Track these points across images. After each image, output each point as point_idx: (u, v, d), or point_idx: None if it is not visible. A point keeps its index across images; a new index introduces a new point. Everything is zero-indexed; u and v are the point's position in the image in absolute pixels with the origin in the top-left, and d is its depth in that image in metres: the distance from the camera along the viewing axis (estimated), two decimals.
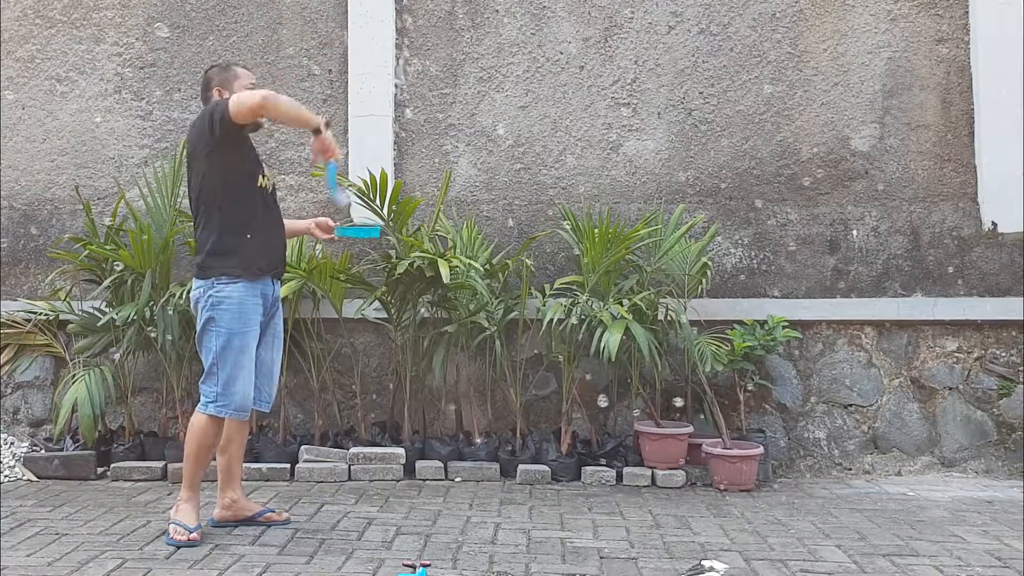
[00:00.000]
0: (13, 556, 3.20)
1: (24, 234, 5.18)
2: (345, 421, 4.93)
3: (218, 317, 3.39)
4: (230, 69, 3.63)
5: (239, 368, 3.40)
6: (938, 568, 3.15)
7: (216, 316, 3.39)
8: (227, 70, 3.62)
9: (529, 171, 5.10)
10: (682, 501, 4.13)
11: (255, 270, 3.46)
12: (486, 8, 5.14)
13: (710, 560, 3.16)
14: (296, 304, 4.69)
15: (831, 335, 4.91)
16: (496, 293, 4.69)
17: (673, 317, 4.55)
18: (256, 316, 3.46)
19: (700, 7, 5.07)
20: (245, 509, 3.62)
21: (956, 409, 4.83)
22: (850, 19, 5.02)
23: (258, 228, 3.50)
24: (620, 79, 5.09)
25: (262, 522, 3.60)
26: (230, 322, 3.39)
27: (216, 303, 3.40)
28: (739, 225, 5.00)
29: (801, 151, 5.01)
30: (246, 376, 3.42)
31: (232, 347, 3.39)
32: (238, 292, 3.41)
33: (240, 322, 3.40)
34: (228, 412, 3.41)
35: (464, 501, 4.07)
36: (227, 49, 5.18)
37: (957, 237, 4.91)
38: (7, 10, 5.27)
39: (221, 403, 3.39)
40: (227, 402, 3.39)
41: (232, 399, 3.39)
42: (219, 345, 3.39)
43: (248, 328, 3.43)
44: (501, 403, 4.89)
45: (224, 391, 3.39)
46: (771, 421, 4.86)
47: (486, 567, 3.10)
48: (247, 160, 3.53)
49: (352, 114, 5.08)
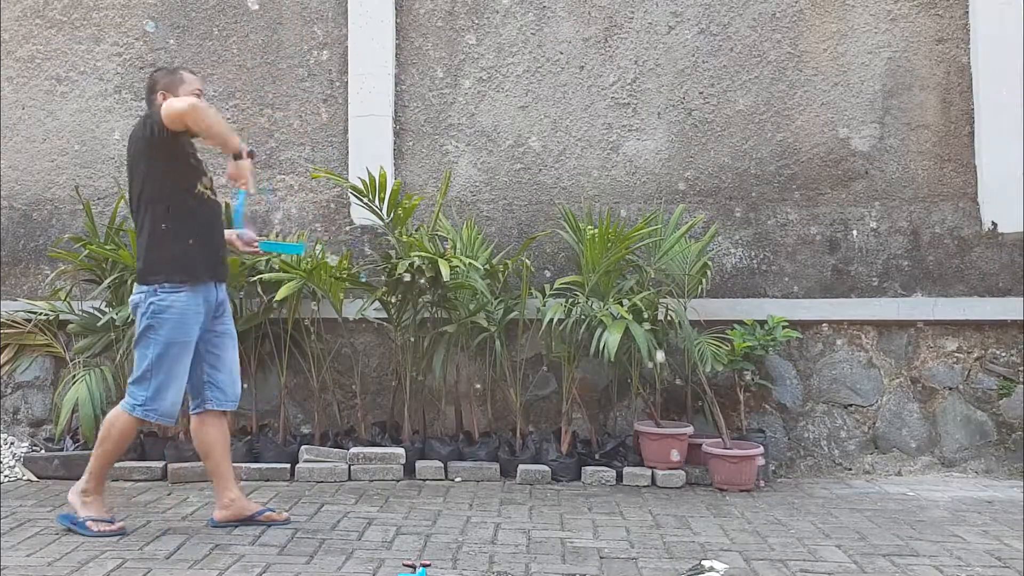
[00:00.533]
0: (13, 556, 3.20)
1: (24, 234, 5.17)
2: (345, 421, 4.93)
3: (158, 326, 3.42)
4: (176, 73, 3.63)
5: (172, 377, 3.44)
6: (938, 568, 3.15)
7: (156, 324, 3.42)
8: (173, 74, 3.62)
9: (529, 171, 5.10)
10: (682, 501, 4.13)
11: (198, 277, 3.48)
12: (486, 8, 5.14)
13: (710, 560, 3.16)
14: (296, 304, 4.68)
15: (831, 335, 4.91)
16: (496, 293, 4.69)
17: (673, 317, 4.54)
18: (197, 324, 3.49)
19: (700, 7, 5.07)
20: (245, 508, 3.62)
21: (956, 409, 4.83)
22: (850, 19, 5.02)
23: (199, 234, 3.51)
24: (620, 79, 5.09)
25: (262, 521, 3.60)
26: (170, 332, 3.42)
27: (157, 311, 3.42)
28: (739, 225, 5.00)
29: (801, 151, 5.01)
30: (178, 385, 3.48)
31: (169, 356, 3.42)
32: (181, 301, 3.44)
33: (180, 331, 3.44)
34: (155, 417, 3.46)
35: (464, 501, 4.07)
36: (227, 49, 5.19)
37: (957, 237, 4.91)
38: (7, 10, 5.28)
39: (149, 407, 3.44)
40: (156, 407, 3.44)
41: (161, 405, 3.44)
42: (156, 353, 3.42)
43: (188, 337, 3.46)
44: (501, 403, 4.89)
45: (155, 396, 3.43)
46: (771, 421, 4.86)
47: (486, 567, 3.10)
48: (186, 166, 3.53)
49: (352, 114, 5.08)
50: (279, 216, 5.11)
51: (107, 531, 3.44)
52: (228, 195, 4.40)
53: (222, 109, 5.16)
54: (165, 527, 3.58)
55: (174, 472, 4.45)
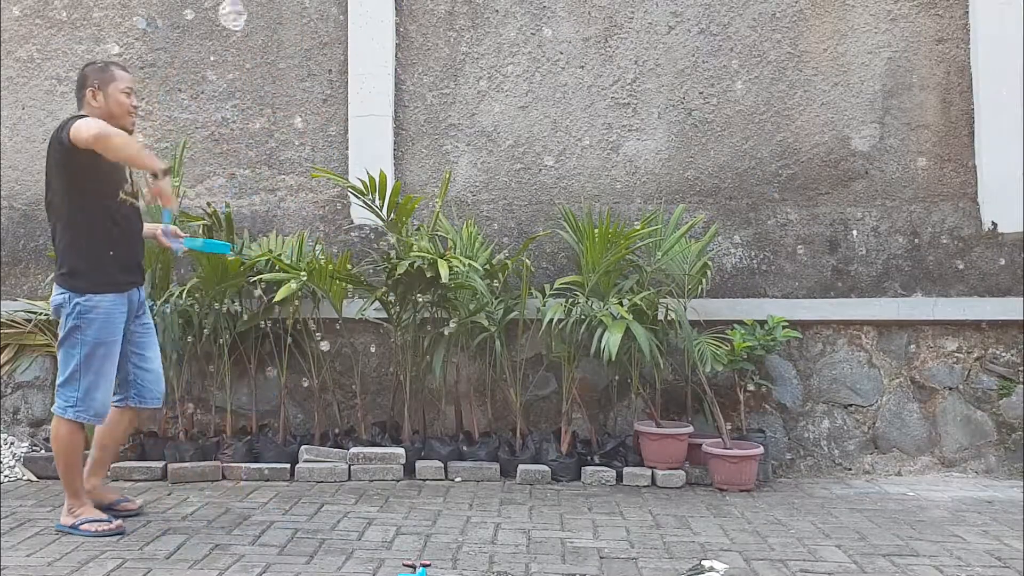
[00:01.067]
0: (13, 556, 3.20)
1: (24, 234, 5.17)
2: (345, 421, 4.93)
3: (84, 326, 3.44)
4: (107, 69, 3.57)
5: (101, 376, 3.47)
6: (938, 568, 3.15)
7: (82, 325, 3.44)
8: (104, 70, 3.57)
9: (529, 171, 5.10)
10: (682, 501, 4.13)
11: (119, 285, 3.51)
12: (486, 8, 5.14)
13: (710, 560, 3.16)
14: (296, 304, 4.68)
15: (831, 335, 4.91)
16: (496, 293, 4.69)
17: (673, 317, 4.54)
18: (121, 325, 3.53)
19: (700, 7, 5.07)
20: (103, 497, 3.69)
21: (956, 409, 4.83)
22: (850, 19, 5.02)
23: (118, 244, 3.52)
24: (620, 79, 5.09)
25: (119, 511, 3.66)
26: (96, 333, 3.44)
27: (84, 312, 3.44)
28: (739, 225, 5.00)
29: (801, 151, 5.01)
30: (107, 384, 3.50)
31: (96, 356, 3.45)
32: (106, 303, 3.46)
33: (107, 332, 3.46)
34: (87, 417, 3.47)
35: (464, 501, 4.07)
36: (227, 49, 5.19)
37: (957, 237, 4.91)
38: (7, 10, 5.28)
39: (80, 408, 3.45)
40: (86, 407, 3.46)
41: (92, 405, 3.46)
42: (83, 354, 3.43)
43: (114, 338, 3.49)
44: (501, 403, 4.89)
45: (84, 397, 3.45)
46: (771, 421, 4.86)
47: (486, 567, 3.10)
48: (106, 176, 3.50)
49: (352, 114, 5.08)
50: (279, 216, 5.11)
51: (105, 531, 3.45)
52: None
53: (222, 109, 5.17)
54: (165, 527, 3.58)
55: (174, 472, 4.45)
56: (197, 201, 5.07)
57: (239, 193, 5.15)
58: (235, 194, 5.14)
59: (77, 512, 3.51)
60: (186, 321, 4.63)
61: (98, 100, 3.52)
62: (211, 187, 5.16)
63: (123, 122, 3.52)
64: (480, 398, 4.91)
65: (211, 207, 4.75)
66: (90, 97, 3.52)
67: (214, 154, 5.19)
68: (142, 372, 3.66)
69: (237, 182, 5.17)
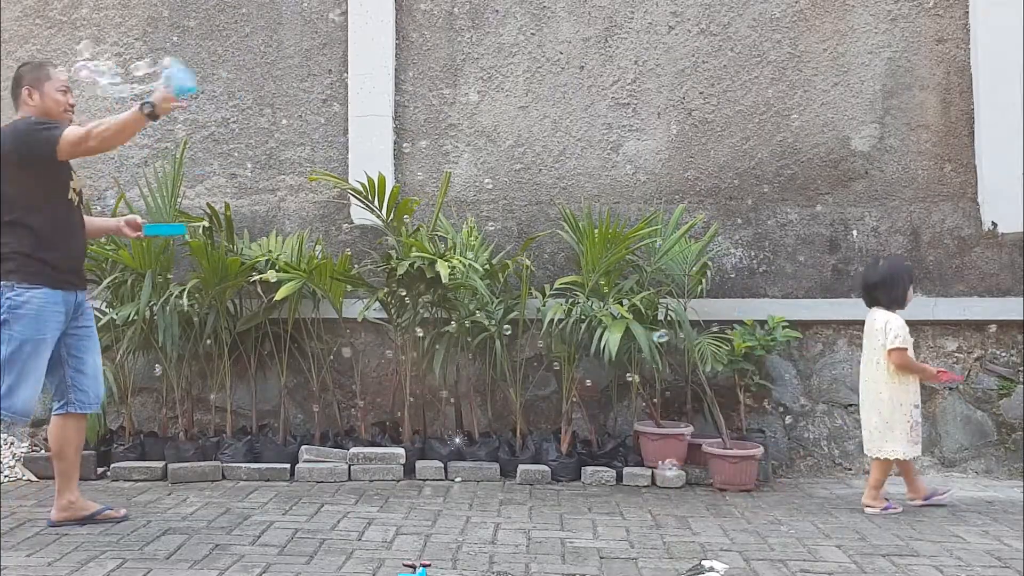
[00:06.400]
0: (13, 556, 3.20)
1: None
2: (345, 421, 4.93)
3: (12, 321, 3.39)
4: (43, 68, 3.58)
5: (25, 375, 3.40)
6: (938, 568, 3.15)
7: (11, 320, 3.39)
8: (39, 69, 3.57)
9: (529, 171, 5.10)
10: (682, 501, 4.13)
11: (59, 282, 3.47)
12: (486, 8, 5.14)
13: (710, 560, 3.16)
14: (296, 304, 4.69)
15: (831, 335, 4.91)
16: (496, 293, 4.69)
17: (673, 317, 4.54)
18: (55, 324, 3.47)
19: (700, 7, 5.07)
20: (83, 509, 3.64)
21: (956, 409, 4.83)
22: (850, 19, 5.02)
23: (63, 241, 3.50)
24: (620, 79, 5.09)
25: (100, 520, 3.63)
26: (24, 329, 3.40)
27: (14, 307, 3.40)
28: (739, 225, 5.00)
29: (801, 151, 5.01)
30: (33, 383, 3.43)
31: (22, 353, 3.40)
32: (38, 299, 3.42)
33: (35, 329, 3.41)
34: (6, 416, 3.42)
35: (464, 501, 4.07)
36: (227, 49, 5.19)
37: (957, 237, 4.91)
38: (7, 10, 5.27)
39: (2, 406, 3.40)
40: (8, 404, 3.40)
41: (14, 403, 3.40)
42: (8, 351, 3.39)
43: (43, 335, 3.43)
44: (501, 403, 4.88)
45: (7, 395, 3.39)
46: (771, 421, 4.86)
47: (486, 567, 3.10)
48: (59, 175, 3.49)
49: (352, 114, 5.08)
50: (279, 216, 5.11)
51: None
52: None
53: (222, 109, 5.17)
54: (165, 527, 3.58)
55: (174, 472, 4.45)
56: (197, 201, 5.08)
57: (239, 193, 5.15)
58: (235, 194, 5.14)
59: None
60: (186, 321, 4.63)
61: (34, 99, 3.52)
62: (211, 187, 5.16)
63: (60, 120, 3.52)
64: (480, 398, 4.90)
65: (211, 207, 4.75)
66: (26, 96, 3.53)
67: (214, 154, 5.19)
68: (79, 376, 3.59)
69: (237, 182, 5.17)
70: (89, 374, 3.63)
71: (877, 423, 3.98)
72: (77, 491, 3.67)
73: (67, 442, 3.61)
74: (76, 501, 3.64)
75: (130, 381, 4.80)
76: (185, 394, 4.77)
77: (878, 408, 3.99)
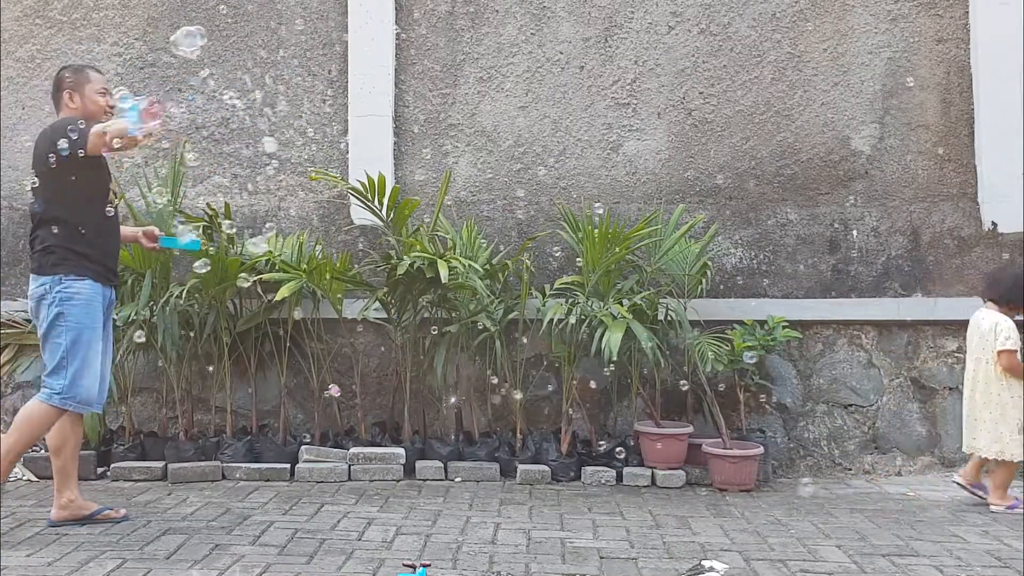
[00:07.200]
0: (13, 556, 3.20)
1: (24, 234, 5.15)
2: (345, 421, 4.93)
3: (68, 312, 3.43)
4: (83, 71, 3.64)
5: (87, 363, 3.45)
6: (938, 568, 3.15)
7: (66, 311, 3.43)
8: (79, 72, 3.63)
9: (529, 171, 5.10)
10: (682, 501, 4.13)
11: (100, 275, 3.53)
12: (486, 8, 5.14)
13: (710, 560, 3.16)
14: (296, 304, 4.68)
15: (831, 335, 4.91)
16: (496, 293, 4.69)
17: (673, 317, 4.54)
18: (100, 314, 3.53)
19: (700, 7, 5.07)
20: (83, 508, 3.64)
21: (956, 409, 4.82)
22: (850, 19, 5.02)
23: (103, 239, 3.56)
24: (620, 79, 5.09)
25: (100, 520, 3.63)
26: (81, 317, 3.44)
27: (66, 299, 3.44)
28: (739, 225, 5.00)
29: (801, 151, 5.01)
30: (93, 371, 3.48)
31: (82, 341, 3.44)
32: (87, 289, 3.47)
33: (90, 317, 3.47)
34: (73, 405, 3.45)
35: (464, 501, 4.07)
36: (227, 49, 5.19)
37: (957, 237, 4.91)
38: (7, 10, 5.27)
39: (67, 395, 3.42)
40: (73, 394, 3.43)
41: (79, 392, 3.43)
42: (69, 340, 3.42)
43: (97, 324, 3.50)
44: (501, 403, 4.88)
45: (72, 384, 3.42)
46: (771, 421, 4.86)
47: (486, 567, 3.10)
48: (100, 174, 3.56)
49: (352, 114, 5.08)
50: (279, 216, 5.11)
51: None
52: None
53: (222, 109, 5.17)
54: (165, 527, 3.58)
55: (174, 472, 4.45)
56: (197, 201, 5.08)
57: (239, 193, 5.15)
58: (235, 194, 5.14)
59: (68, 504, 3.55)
60: (186, 321, 4.63)
61: (75, 102, 3.57)
62: (211, 187, 5.16)
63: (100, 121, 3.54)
64: (480, 398, 4.90)
65: (211, 207, 4.75)
66: (67, 99, 3.58)
67: (214, 154, 5.19)
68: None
69: (237, 182, 5.17)
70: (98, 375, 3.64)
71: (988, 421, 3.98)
72: (77, 490, 3.66)
73: (64, 440, 3.61)
74: (75, 500, 3.64)
75: (130, 381, 4.80)
76: (185, 394, 4.77)
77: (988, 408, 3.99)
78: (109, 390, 4.56)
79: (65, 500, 3.61)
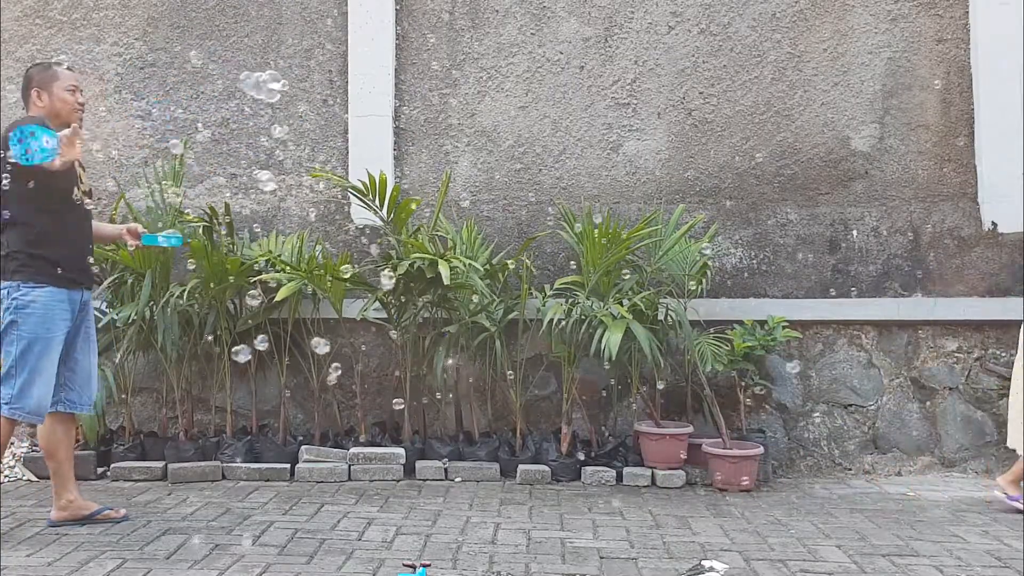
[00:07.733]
0: (13, 556, 3.20)
1: None
2: (345, 421, 4.93)
3: (21, 321, 3.39)
4: (50, 69, 3.59)
5: (37, 373, 3.39)
6: (938, 568, 3.15)
7: (19, 320, 3.39)
8: (47, 70, 3.58)
9: (529, 171, 5.10)
10: (682, 501, 4.13)
11: (64, 280, 3.46)
12: (486, 8, 5.14)
13: (710, 560, 3.16)
14: (296, 304, 4.69)
15: (831, 335, 4.91)
16: (496, 293, 4.69)
17: (673, 317, 4.54)
18: (63, 322, 3.46)
19: (700, 7, 5.07)
20: (82, 508, 3.64)
21: (956, 409, 4.83)
22: (850, 19, 5.02)
23: (67, 240, 3.49)
24: (620, 79, 5.09)
25: (100, 520, 3.62)
26: (32, 328, 3.39)
27: (21, 307, 3.39)
28: (739, 225, 5.00)
29: (801, 151, 5.01)
30: (45, 382, 3.42)
31: (33, 352, 3.39)
32: (44, 298, 3.41)
33: (43, 328, 3.40)
34: (21, 415, 3.40)
35: (464, 501, 4.07)
36: (227, 49, 5.19)
37: (957, 237, 4.91)
38: (7, 10, 5.27)
39: (15, 405, 3.38)
40: (22, 404, 3.38)
41: (27, 403, 3.38)
42: (19, 349, 3.38)
43: (52, 334, 3.42)
44: (501, 403, 4.88)
45: (20, 394, 3.37)
46: (771, 421, 4.86)
47: (486, 567, 3.10)
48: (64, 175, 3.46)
49: (352, 114, 5.08)
50: (279, 216, 5.11)
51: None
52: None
53: (222, 109, 5.17)
54: (165, 527, 3.58)
55: (174, 472, 4.45)
56: (197, 201, 5.08)
57: (239, 193, 5.15)
58: (235, 194, 5.14)
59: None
60: (186, 321, 4.63)
61: (43, 100, 3.54)
62: (211, 187, 5.16)
63: (70, 119, 3.50)
64: (480, 398, 4.90)
65: (211, 207, 4.75)
66: (35, 98, 3.54)
67: (214, 154, 5.19)
68: (70, 375, 3.58)
69: (237, 182, 5.17)
70: (80, 375, 3.61)
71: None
72: (76, 490, 3.66)
73: (56, 442, 3.59)
74: (75, 500, 3.64)
75: (130, 381, 4.80)
76: (185, 394, 4.77)
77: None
78: (108, 389, 4.61)
79: (65, 501, 3.61)
